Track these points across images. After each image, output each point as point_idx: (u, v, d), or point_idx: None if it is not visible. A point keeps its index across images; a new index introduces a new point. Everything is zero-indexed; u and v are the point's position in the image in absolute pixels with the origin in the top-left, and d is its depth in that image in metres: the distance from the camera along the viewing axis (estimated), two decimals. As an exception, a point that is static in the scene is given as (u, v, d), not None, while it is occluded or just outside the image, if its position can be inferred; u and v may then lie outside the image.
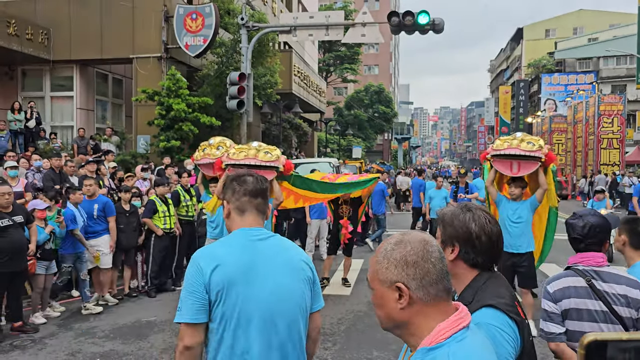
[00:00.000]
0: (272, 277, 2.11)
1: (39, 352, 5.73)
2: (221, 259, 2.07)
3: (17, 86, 16.58)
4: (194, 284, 2.04)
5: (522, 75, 59.93)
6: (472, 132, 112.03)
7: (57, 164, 9.37)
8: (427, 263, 1.36)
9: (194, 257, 2.11)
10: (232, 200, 2.25)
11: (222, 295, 2.04)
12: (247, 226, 2.21)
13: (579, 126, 31.47)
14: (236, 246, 2.14)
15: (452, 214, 1.92)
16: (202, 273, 2.04)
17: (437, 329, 1.33)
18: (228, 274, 2.05)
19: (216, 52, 16.84)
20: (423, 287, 1.35)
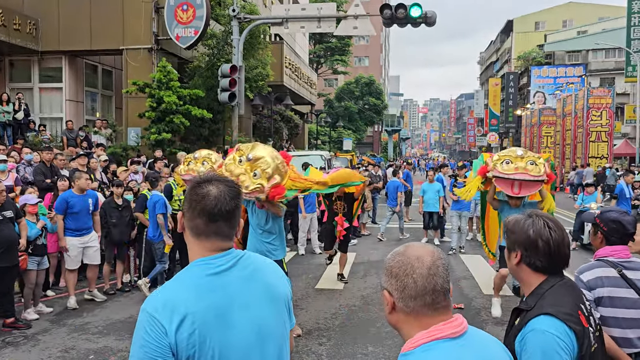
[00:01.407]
0: (250, 314, 1.67)
1: (32, 348, 5.69)
2: (185, 309, 1.56)
3: (5, 77, 16.36)
4: (155, 346, 1.53)
5: (511, 68, 60.13)
6: (461, 124, 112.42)
7: (47, 157, 9.27)
8: (408, 278, 1.44)
9: (143, 309, 1.59)
10: (187, 216, 1.72)
11: (195, 354, 1.55)
12: (206, 253, 1.69)
13: (568, 119, 31.68)
14: (199, 286, 1.62)
15: (515, 221, 2.08)
16: (164, 332, 1.53)
17: (414, 337, 1.43)
18: (198, 327, 1.56)
19: (207, 44, 16.71)
20: (402, 299, 1.45)
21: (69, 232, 7.20)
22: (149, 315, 1.56)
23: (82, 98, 17.08)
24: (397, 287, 1.45)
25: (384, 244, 12.03)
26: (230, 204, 1.69)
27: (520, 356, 1.88)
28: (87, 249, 7.37)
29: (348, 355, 5.41)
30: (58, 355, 5.50)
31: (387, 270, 1.49)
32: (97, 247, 7.54)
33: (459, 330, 1.43)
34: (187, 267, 1.69)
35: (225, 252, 1.70)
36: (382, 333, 6.09)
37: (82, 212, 7.24)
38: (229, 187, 1.72)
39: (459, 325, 1.44)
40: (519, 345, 1.90)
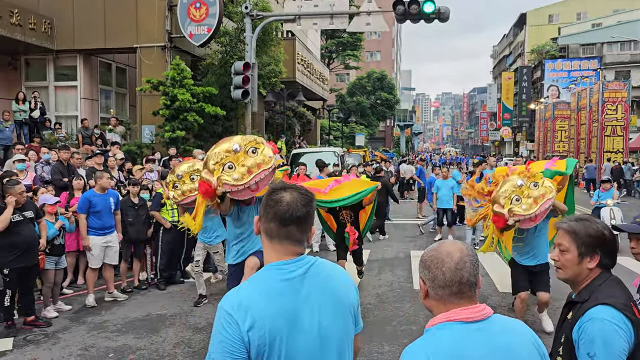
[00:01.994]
0: (317, 320, 1.76)
1: (52, 346, 5.78)
2: (256, 313, 1.69)
3: (21, 76, 16.53)
4: (231, 341, 1.67)
5: (525, 62, 59.55)
6: (474, 118, 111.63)
7: (65, 156, 9.37)
8: (438, 270, 1.66)
9: (221, 306, 1.74)
10: (262, 220, 1.85)
11: (264, 354, 1.69)
12: (280, 256, 1.81)
13: (583, 113, 31.34)
14: (272, 291, 1.74)
15: (584, 227, 2.16)
16: (238, 330, 1.68)
17: (434, 318, 1.69)
18: (270, 330, 1.69)
19: (220, 42, 16.75)
20: (433, 288, 1.68)
21: (92, 231, 7.29)
22: (226, 312, 1.71)
23: (97, 96, 17.21)
24: (429, 277, 1.69)
25: (399, 241, 12.01)
26: (302, 210, 1.81)
27: (578, 344, 2.03)
28: (108, 249, 7.45)
29: (364, 354, 5.43)
30: (78, 353, 5.58)
31: (422, 262, 1.73)
32: (117, 249, 7.62)
33: (475, 317, 1.63)
34: (263, 270, 1.82)
35: (298, 258, 1.82)
36: (398, 332, 6.10)
37: (104, 211, 7.31)
38: (302, 194, 1.84)
39: (477, 312, 1.64)
40: (577, 334, 2.03)
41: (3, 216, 5.93)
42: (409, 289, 7.89)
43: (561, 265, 2.20)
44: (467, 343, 1.58)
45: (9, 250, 6.02)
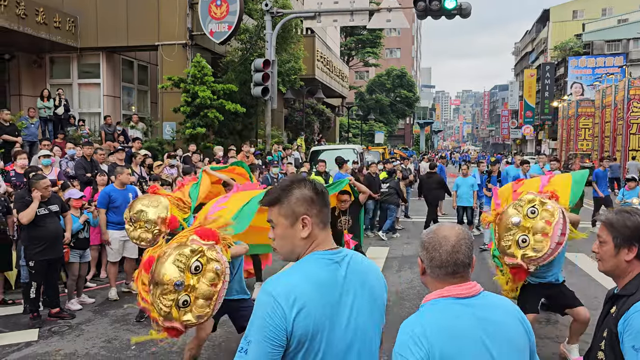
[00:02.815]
0: (354, 314, 1.80)
1: (76, 338, 5.89)
2: (306, 299, 1.70)
3: (46, 74, 16.86)
4: (274, 328, 1.67)
5: (548, 58, 58.69)
6: (495, 116, 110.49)
7: (88, 152, 9.53)
8: (435, 252, 1.81)
9: (268, 291, 1.71)
10: (313, 212, 1.84)
11: (305, 343, 1.70)
12: (324, 246, 1.85)
13: (607, 111, 30.79)
14: (319, 281, 1.75)
15: (622, 219, 2.18)
16: (284, 316, 1.67)
17: (429, 294, 1.85)
18: (315, 319, 1.70)
19: (240, 39, 16.85)
20: (430, 267, 1.84)
21: (111, 226, 7.38)
22: (273, 299, 1.69)
23: (119, 93, 17.46)
24: (427, 257, 1.84)
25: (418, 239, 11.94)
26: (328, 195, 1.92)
27: (622, 337, 2.05)
28: (127, 242, 7.53)
29: (384, 352, 5.40)
30: (102, 345, 5.68)
31: (421, 244, 1.88)
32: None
33: (466, 293, 1.79)
34: (308, 258, 1.83)
35: (338, 249, 1.87)
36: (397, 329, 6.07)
37: (123, 206, 7.37)
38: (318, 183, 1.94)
39: (469, 289, 1.80)
40: (622, 326, 2.05)
41: (29, 210, 6.06)
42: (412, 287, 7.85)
43: (600, 257, 2.23)
44: (459, 316, 1.75)
45: (35, 243, 6.17)
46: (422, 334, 1.71)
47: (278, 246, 1.89)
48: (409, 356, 1.70)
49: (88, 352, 5.47)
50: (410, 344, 1.71)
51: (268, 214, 1.89)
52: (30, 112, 12.91)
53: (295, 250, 1.86)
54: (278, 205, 1.85)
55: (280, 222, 1.85)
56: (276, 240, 1.88)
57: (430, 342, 1.69)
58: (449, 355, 1.69)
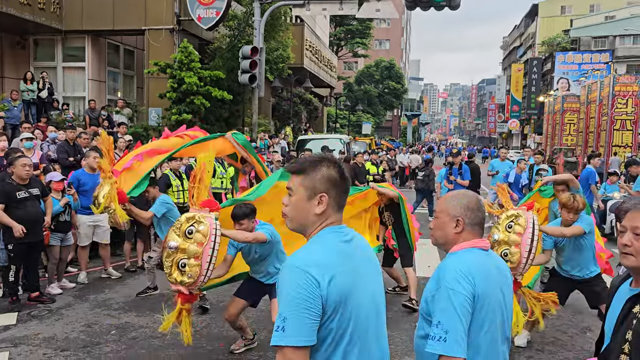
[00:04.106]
0: (370, 284, 1.91)
1: (56, 322, 5.84)
2: (334, 268, 1.76)
3: (29, 56, 16.57)
4: (309, 298, 1.69)
5: (535, 53, 59.03)
6: (482, 109, 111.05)
7: (71, 136, 9.40)
8: (479, 212, 2.24)
9: (295, 265, 1.74)
10: (332, 194, 1.89)
11: (339, 309, 1.75)
12: (335, 223, 1.92)
13: (592, 106, 31.07)
14: (340, 252, 1.84)
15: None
16: (317, 284, 1.70)
17: (459, 244, 2.22)
18: (345, 284, 1.77)
19: (228, 25, 16.70)
20: (471, 225, 2.22)
21: (80, 210, 7.35)
22: (302, 270, 1.72)
23: (104, 77, 17.23)
24: (470, 216, 2.22)
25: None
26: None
27: None
28: (97, 227, 7.49)
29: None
30: (81, 329, 5.64)
31: (464, 205, 2.23)
32: (107, 227, 7.57)
33: (487, 246, 2.24)
34: (323, 233, 1.88)
35: (345, 226, 1.95)
36: (399, 317, 6.12)
37: (92, 191, 7.25)
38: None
39: (487, 243, 2.25)
40: None
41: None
42: (412, 276, 7.87)
43: (634, 252, 2.00)
44: (486, 264, 2.18)
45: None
46: (468, 272, 2.07)
47: (289, 214, 1.92)
48: (461, 289, 2.03)
49: (67, 337, 5.42)
50: (459, 279, 2.05)
51: (289, 181, 1.93)
52: (13, 95, 12.70)
53: (305, 224, 1.90)
54: (302, 175, 1.90)
55: (299, 192, 1.89)
56: (289, 207, 1.92)
57: (475, 279, 2.06)
58: (485, 292, 2.07)
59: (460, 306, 2.00)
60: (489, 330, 2.09)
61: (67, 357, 4.93)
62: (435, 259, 9.10)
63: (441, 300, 2.03)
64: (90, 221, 7.39)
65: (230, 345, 5.15)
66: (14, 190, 6.15)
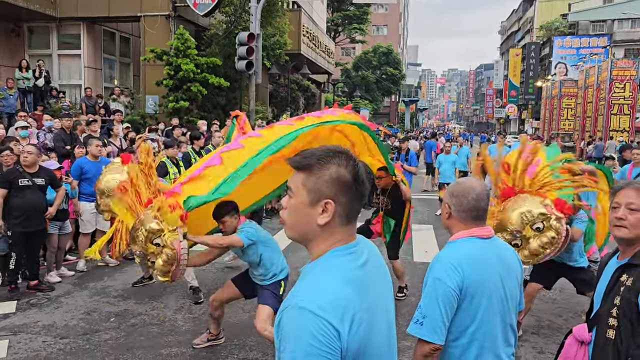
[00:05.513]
0: (385, 312, 1.57)
1: (55, 310, 5.87)
2: (353, 308, 1.40)
3: (24, 44, 16.45)
4: (327, 352, 1.33)
5: (533, 38, 58.78)
6: (480, 95, 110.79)
7: (67, 124, 9.37)
8: (464, 199, 2.23)
9: (307, 309, 1.35)
10: (341, 201, 1.48)
11: (360, 357, 1.41)
12: (346, 239, 1.52)
13: (590, 91, 31.03)
14: (356, 282, 1.46)
15: None
16: (336, 334, 1.35)
17: (459, 233, 2.25)
18: (365, 328, 1.42)
19: (225, 11, 16.58)
20: (457, 211, 2.25)
21: (83, 197, 7.36)
22: (316, 316, 1.34)
23: (101, 65, 17.13)
24: (455, 203, 2.25)
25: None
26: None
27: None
28: (100, 215, 7.49)
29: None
30: (80, 317, 5.67)
31: (450, 193, 2.28)
32: None
33: (488, 234, 2.25)
34: (331, 258, 1.48)
35: (356, 240, 1.55)
36: (397, 303, 6.16)
37: (95, 178, 7.27)
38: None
39: (489, 232, 2.26)
40: None
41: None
42: (409, 262, 7.93)
43: (628, 225, 2.28)
44: (485, 251, 2.21)
45: (12, 213, 6.11)
46: (458, 263, 2.12)
47: (288, 220, 1.54)
48: (448, 280, 2.10)
49: (67, 324, 5.46)
50: (448, 270, 2.11)
51: (290, 178, 1.53)
52: (8, 83, 12.64)
53: (307, 235, 1.52)
54: (306, 172, 1.49)
55: (300, 195, 1.49)
56: (288, 212, 1.53)
57: (464, 270, 2.11)
58: (477, 281, 2.12)
59: (443, 296, 2.08)
60: (484, 319, 2.14)
61: (66, 344, 4.96)
62: (432, 244, 9.16)
63: (427, 286, 2.14)
64: (93, 208, 7.39)
65: (229, 332, 5.19)
66: (17, 177, 6.18)
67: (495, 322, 2.17)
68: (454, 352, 2.16)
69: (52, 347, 4.91)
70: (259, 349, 4.88)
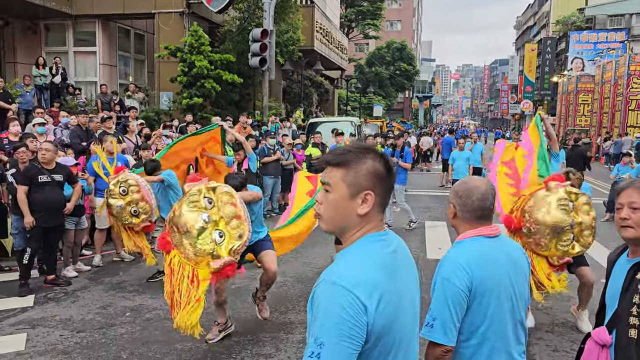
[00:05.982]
0: (411, 295, 1.67)
1: (72, 304, 5.96)
2: (381, 288, 1.52)
3: (41, 41, 16.63)
4: (353, 323, 1.46)
5: (549, 33, 58.06)
6: (494, 91, 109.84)
7: (83, 121, 9.48)
8: (468, 199, 2.21)
9: (337, 283, 1.49)
10: (378, 192, 1.61)
11: (383, 337, 1.53)
12: (378, 228, 1.65)
13: (607, 86, 30.63)
14: (386, 265, 1.59)
15: None
16: (363, 309, 1.47)
17: (465, 232, 2.24)
18: (392, 308, 1.54)
19: (238, 8, 16.62)
20: (462, 212, 2.24)
21: (99, 193, 7.45)
22: (346, 290, 1.47)
23: (116, 62, 17.27)
24: (460, 203, 2.23)
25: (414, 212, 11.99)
26: None
27: None
28: None
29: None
30: (97, 311, 5.75)
31: (455, 192, 2.26)
32: None
33: (494, 233, 2.22)
34: (364, 243, 1.61)
35: (386, 230, 1.68)
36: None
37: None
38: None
39: (495, 230, 2.23)
40: None
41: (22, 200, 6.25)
42: (423, 259, 7.92)
43: (633, 224, 2.29)
44: (492, 250, 2.19)
45: (33, 209, 6.21)
46: (466, 264, 2.11)
47: (325, 213, 1.64)
48: (456, 281, 2.09)
49: (83, 318, 5.54)
50: (457, 271, 2.10)
51: (325, 174, 1.64)
52: (25, 80, 12.78)
53: (344, 225, 1.63)
54: (345, 168, 1.60)
55: (340, 189, 1.59)
56: (325, 206, 1.63)
57: (472, 270, 2.10)
58: (486, 281, 2.11)
59: (452, 297, 2.07)
60: (494, 318, 2.13)
61: (83, 338, 5.04)
62: (446, 241, 9.13)
63: (436, 288, 2.14)
64: None
65: (242, 327, 5.22)
66: (37, 174, 6.27)
67: (506, 320, 2.17)
68: (465, 352, 2.16)
69: (69, 340, 4.99)
70: (272, 344, 4.92)
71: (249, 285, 6.30)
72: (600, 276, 3.18)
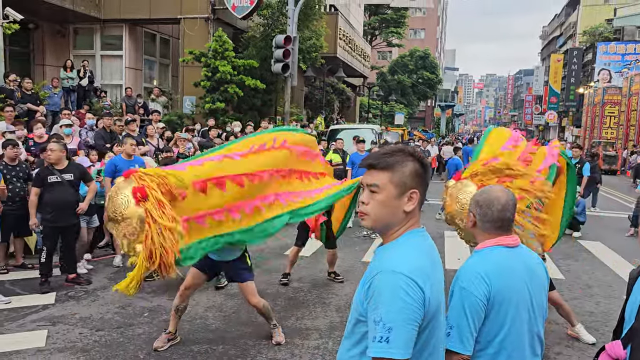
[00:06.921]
0: (442, 299, 1.82)
1: (92, 303, 6.04)
2: (430, 276, 1.71)
3: (69, 44, 17.00)
4: (416, 308, 1.62)
5: (576, 43, 57.28)
6: (518, 101, 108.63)
7: (108, 123, 9.65)
8: (488, 209, 2.21)
9: (397, 271, 1.64)
10: (420, 190, 1.80)
11: (432, 321, 1.71)
12: (419, 224, 1.84)
13: (634, 99, 30.10)
14: (430, 255, 1.79)
15: None
16: (422, 294, 1.64)
17: (484, 242, 2.25)
18: (438, 295, 1.74)
19: (262, 14, 16.77)
20: (482, 221, 2.24)
21: None
22: (406, 277, 1.63)
23: (141, 66, 17.55)
24: (480, 213, 2.24)
25: (432, 221, 11.92)
26: None
27: None
28: None
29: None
30: (115, 311, 5.82)
31: (476, 202, 2.26)
32: None
33: (514, 244, 2.23)
34: (412, 235, 1.79)
35: (423, 226, 1.87)
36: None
37: None
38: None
39: (514, 241, 2.24)
40: None
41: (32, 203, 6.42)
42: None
43: None
44: (511, 260, 2.19)
45: (43, 208, 6.38)
46: (485, 273, 2.11)
47: (373, 212, 1.78)
48: (474, 290, 2.10)
49: (103, 317, 5.61)
50: (475, 280, 2.11)
51: (371, 177, 1.78)
52: (53, 82, 13.07)
53: (392, 222, 1.78)
54: (390, 171, 1.76)
55: (389, 190, 1.75)
56: (373, 205, 1.77)
57: (491, 279, 2.11)
58: (504, 290, 2.11)
59: (470, 306, 2.08)
60: (511, 328, 2.12)
61: (101, 337, 5.10)
62: (465, 252, 9.03)
63: (454, 297, 2.14)
64: None
65: (258, 333, 5.23)
66: (47, 175, 6.41)
67: (523, 331, 2.16)
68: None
69: (88, 338, 5.06)
70: (288, 349, 4.92)
71: (265, 290, 6.31)
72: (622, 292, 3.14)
